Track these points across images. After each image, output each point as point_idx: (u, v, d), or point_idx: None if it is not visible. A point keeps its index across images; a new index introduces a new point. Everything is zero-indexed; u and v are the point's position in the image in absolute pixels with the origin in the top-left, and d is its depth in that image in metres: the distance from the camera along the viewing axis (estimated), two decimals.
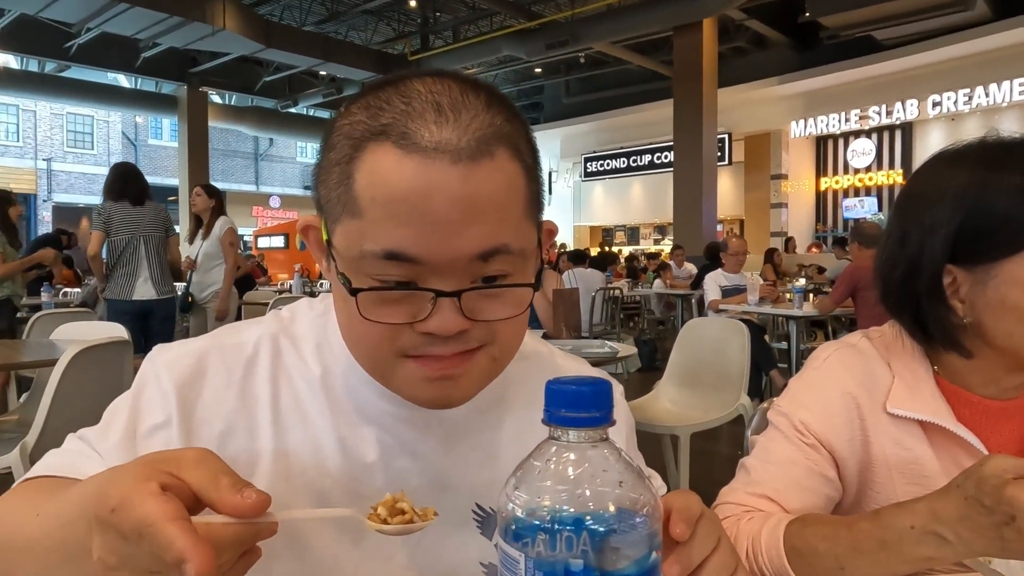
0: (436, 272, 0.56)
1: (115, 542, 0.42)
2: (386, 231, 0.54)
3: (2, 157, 24.23)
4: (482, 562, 0.67)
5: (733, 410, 3.23)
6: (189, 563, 0.38)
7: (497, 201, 0.56)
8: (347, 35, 16.47)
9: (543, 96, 20.73)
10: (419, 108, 0.55)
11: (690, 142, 12.67)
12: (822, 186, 17.56)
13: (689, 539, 0.45)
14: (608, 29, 13.41)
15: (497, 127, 0.57)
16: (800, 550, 0.77)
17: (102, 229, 4.35)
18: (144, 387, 0.65)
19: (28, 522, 0.53)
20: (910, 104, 14.92)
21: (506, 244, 0.57)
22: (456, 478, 0.67)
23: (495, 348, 0.61)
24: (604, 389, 0.39)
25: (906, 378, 0.89)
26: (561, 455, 0.39)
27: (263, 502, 0.43)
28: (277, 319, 0.71)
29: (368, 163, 0.55)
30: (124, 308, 4.36)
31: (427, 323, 0.56)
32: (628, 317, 10.13)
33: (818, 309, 5.19)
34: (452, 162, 0.54)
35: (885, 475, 0.88)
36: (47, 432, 2.36)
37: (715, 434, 3.56)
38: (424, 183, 0.53)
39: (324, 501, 0.64)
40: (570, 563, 0.36)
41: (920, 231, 0.87)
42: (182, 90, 17.10)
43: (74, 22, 12.87)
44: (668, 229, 17.87)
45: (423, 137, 0.54)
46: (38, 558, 0.51)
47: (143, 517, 0.40)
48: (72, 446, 0.64)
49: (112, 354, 2.63)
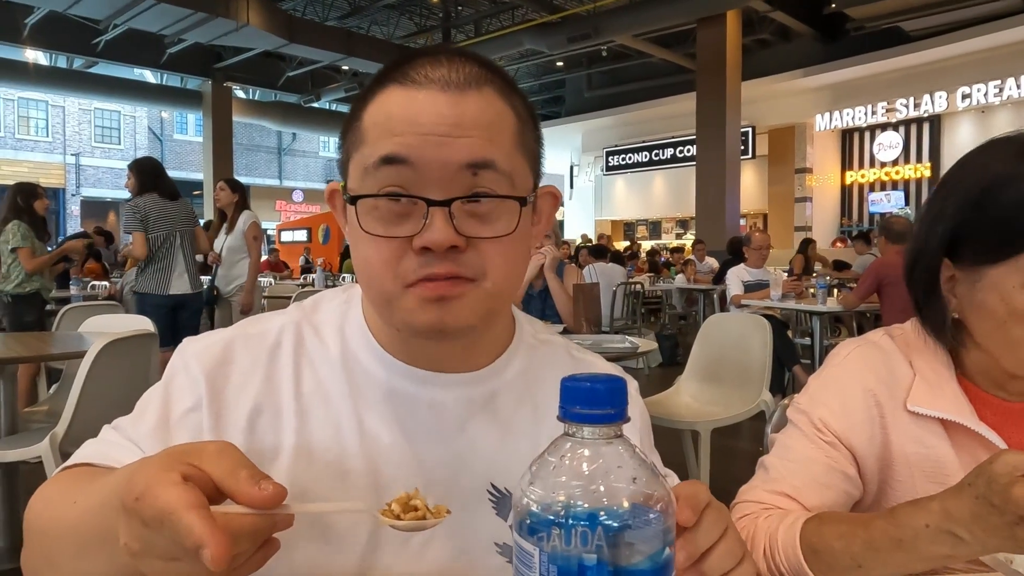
0: (428, 180, 0.61)
1: (139, 529, 0.44)
2: (383, 142, 0.62)
3: (32, 152, 24.67)
4: (496, 542, 0.68)
5: (754, 406, 3.21)
6: (206, 549, 0.40)
7: (484, 123, 0.62)
8: (369, 30, 16.53)
9: (565, 90, 20.66)
10: (420, 59, 0.65)
11: (713, 136, 12.57)
12: (847, 180, 17.33)
13: (695, 526, 0.46)
14: (630, 22, 13.33)
15: (489, 77, 0.65)
16: (817, 548, 0.77)
17: (141, 228, 4.35)
18: (174, 376, 0.68)
19: (67, 509, 0.56)
20: (939, 96, 14.65)
21: (493, 159, 0.62)
22: (471, 458, 0.69)
23: (487, 281, 0.64)
24: (619, 386, 0.39)
25: (928, 376, 0.88)
26: (576, 451, 0.39)
27: (279, 494, 0.44)
28: (300, 308, 0.75)
29: (374, 102, 0.64)
30: (158, 302, 4.40)
31: (422, 236, 0.60)
32: (649, 312, 10.09)
33: (843, 305, 5.14)
34: (442, 89, 0.62)
35: (906, 473, 0.88)
36: (76, 422, 2.40)
37: (736, 430, 3.55)
38: (416, 106, 0.62)
39: (344, 480, 0.66)
40: (584, 558, 0.36)
41: (930, 220, 0.87)
42: (207, 85, 17.29)
43: (101, 18, 13.05)
44: (690, 223, 17.75)
45: (420, 74, 0.63)
46: (76, 544, 0.54)
47: (164, 505, 0.42)
48: (108, 436, 0.67)
49: (139, 346, 2.68)
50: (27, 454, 2.43)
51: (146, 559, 0.45)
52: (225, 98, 17.48)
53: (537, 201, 0.69)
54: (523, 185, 0.65)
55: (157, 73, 18.43)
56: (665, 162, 19.31)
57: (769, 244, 5.85)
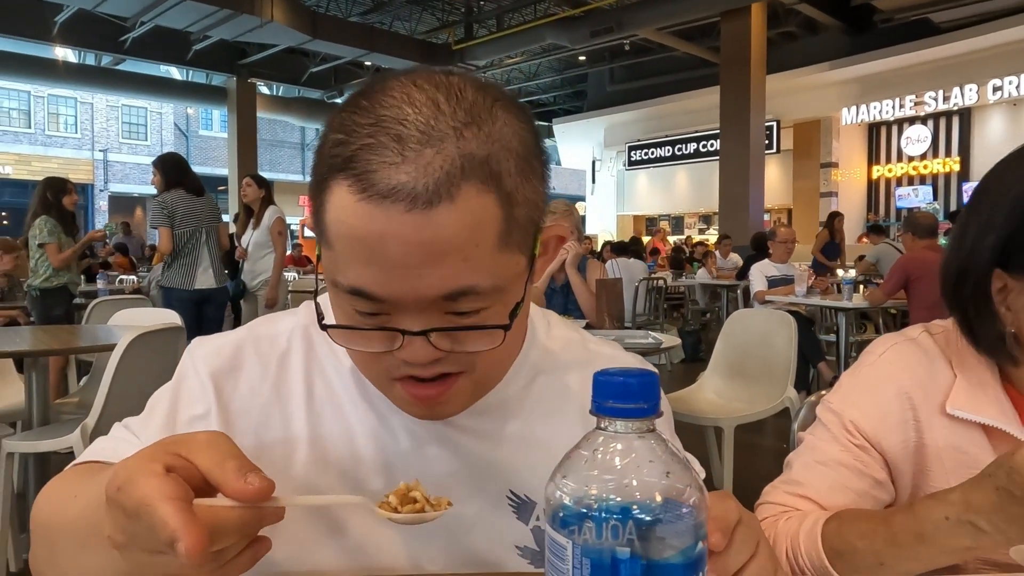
0: (402, 310, 0.56)
1: (121, 520, 0.43)
2: (351, 268, 0.55)
3: (61, 148, 25.07)
4: (518, 545, 0.68)
5: (779, 403, 3.18)
6: (180, 542, 0.39)
7: (459, 243, 0.53)
8: (392, 25, 16.58)
9: (587, 84, 20.57)
10: (382, 140, 0.53)
11: (737, 130, 12.45)
12: (874, 174, 17.09)
13: (726, 548, 0.44)
14: (654, 15, 13.23)
15: (466, 156, 0.53)
16: (839, 550, 0.75)
17: (167, 224, 4.40)
18: (184, 379, 0.68)
19: (68, 504, 0.55)
20: (969, 89, 14.38)
21: (473, 285, 0.55)
22: (489, 465, 0.68)
23: (476, 372, 0.61)
24: (652, 380, 0.39)
25: (969, 378, 0.84)
26: (608, 445, 0.39)
27: (265, 489, 0.43)
28: (310, 310, 0.73)
29: (334, 196, 0.55)
30: (184, 296, 4.48)
31: (401, 352, 0.57)
32: (672, 308, 10.04)
33: (869, 301, 5.07)
34: (406, 209, 0.52)
35: (941, 480, 0.84)
36: (106, 414, 2.45)
37: (760, 427, 3.53)
38: (379, 229, 0.52)
39: (359, 488, 0.66)
40: (617, 551, 0.36)
41: (976, 230, 0.83)
42: (231, 81, 17.45)
43: (128, 16, 13.21)
44: (713, 219, 17.61)
45: (379, 178, 0.52)
46: (76, 539, 0.53)
47: (142, 496, 0.41)
48: (117, 433, 0.68)
49: (167, 340, 2.72)
50: (58, 444, 2.48)
51: (129, 552, 0.44)
52: (249, 94, 17.63)
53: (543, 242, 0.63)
54: (512, 277, 0.58)
55: (183, 70, 18.64)
56: (688, 157, 19.16)
57: (795, 239, 5.77)
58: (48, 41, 14.48)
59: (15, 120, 24.47)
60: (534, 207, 0.59)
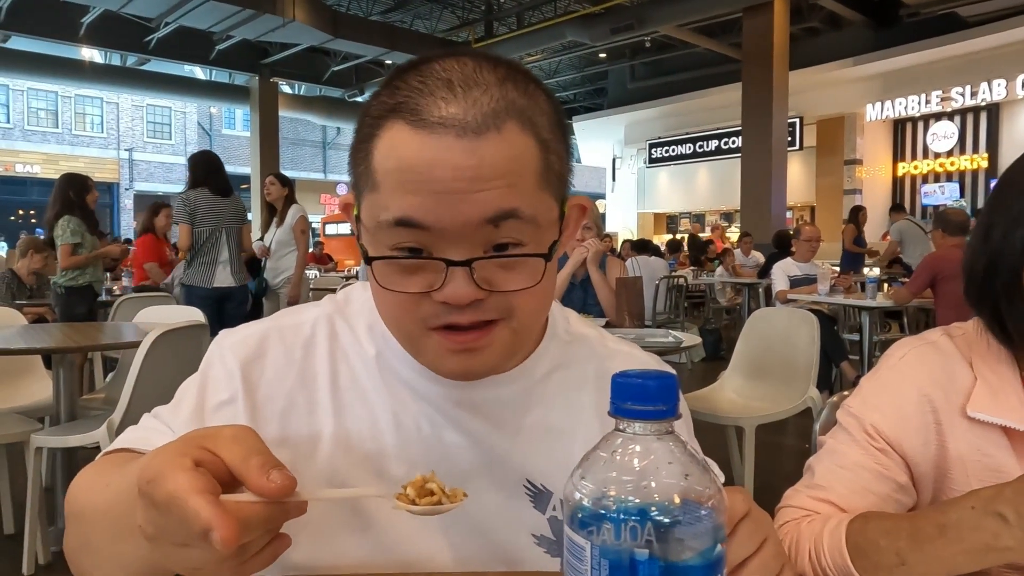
0: (446, 239, 0.58)
1: (152, 513, 0.44)
2: (397, 200, 0.57)
3: (88, 147, 25.48)
4: (534, 534, 0.69)
5: (801, 402, 3.15)
6: (215, 531, 0.40)
7: (504, 170, 0.57)
8: (412, 24, 16.63)
9: (607, 81, 20.49)
10: (431, 85, 0.58)
11: (759, 127, 12.33)
12: (899, 171, 16.84)
13: (729, 538, 0.45)
14: (675, 12, 13.14)
15: (509, 101, 0.58)
16: (862, 547, 0.75)
17: (188, 221, 4.47)
18: (211, 367, 0.69)
19: (101, 493, 0.56)
20: (997, 84, 14.13)
21: (516, 208, 0.58)
22: (507, 454, 0.69)
23: (514, 320, 0.62)
24: (670, 383, 0.39)
25: (990, 380, 0.83)
26: (627, 447, 0.39)
27: (287, 487, 0.44)
28: (332, 302, 0.75)
29: (384, 139, 0.58)
30: (203, 294, 4.54)
31: (442, 291, 0.58)
32: (693, 306, 9.98)
33: (894, 300, 5.00)
34: (457, 136, 0.56)
35: (963, 483, 0.83)
36: (131, 409, 2.49)
37: (782, 426, 3.50)
38: (430, 156, 0.56)
39: (380, 474, 0.66)
40: (636, 552, 0.36)
41: (1005, 223, 0.82)
42: (254, 81, 17.62)
43: (153, 17, 13.37)
44: (735, 216, 17.47)
45: (431, 113, 0.56)
46: (110, 527, 0.54)
47: (173, 490, 0.42)
48: (147, 423, 0.69)
49: (191, 337, 2.75)
50: (86, 440, 2.53)
51: (159, 544, 0.45)
52: (271, 93, 17.79)
53: (569, 208, 0.66)
54: (548, 219, 0.61)
55: (206, 69, 18.84)
56: (709, 154, 19.02)
57: (819, 237, 5.69)
58: (75, 42, 14.71)
59: (43, 120, 24.91)
60: (565, 166, 0.64)
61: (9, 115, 24.28)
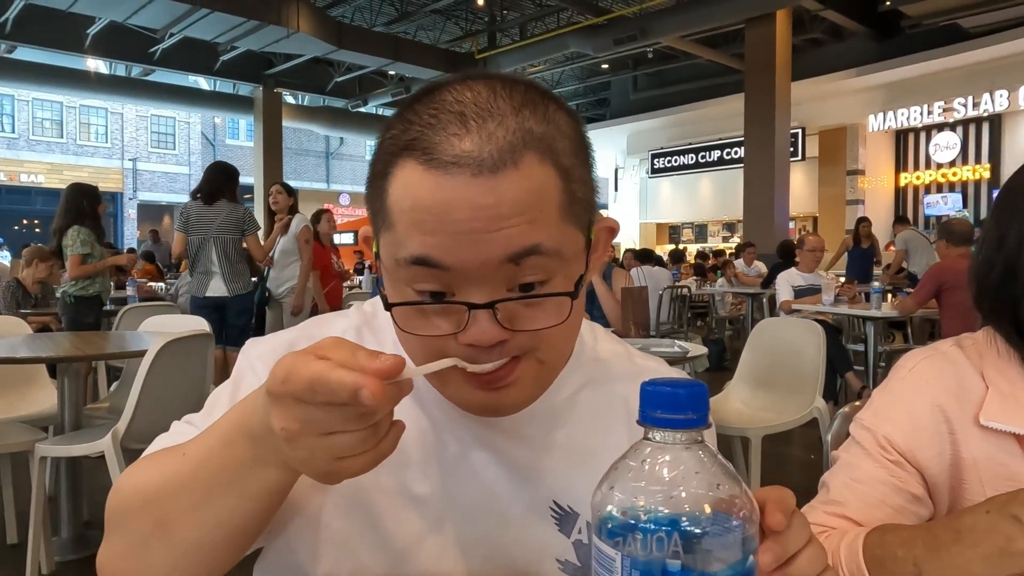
0: (468, 280, 0.56)
1: (292, 408, 0.45)
2: (414, 239, 0.55)
3: (92, 157, 25.57)
4: (559, 559, 0.67)
5: (807, 413, 3.15)
6: (364, 388, 0.42)
7: (524, 205, 0.55)
8: (416, 35, 16.71)
9: (610, 92, 20.55)
10: (443, 120, 0.55)
11: (761, 137, 12.36)
12: (902, 182, 16.86)
13: (784, 530, 0.45)
14: (677, 23, 13.20)
15: (526, 131, 0.55)
16: (880, 558, 0.74)
17: (182, 229, 4.60)
18: (242, 377, 0.69)
19: (176, 465, 0.55)
20: (999, 95, 14.16)
21: (537, 244, 0.55)
22: (534, 473, 0.68)
23: (541, 353, 0.60)
24: (700, 392, 0.39)
25: (1002, 388, 0.83)
26: (656, 456, 0.39)
27: (399, 362, 0.45)
28: (360, 312, 0.74)
29: (398, 178, 0.57)
30: (199, 303, 4.63)
31: (466, 334, 0.56)
32: (696, 316, 9.96)
33: (899, 310, 4.99)
34: (472, 175, 0.53)
35: (978, 492, 0.82)
36: (137, 418, 2.48)
37: (787, 437, 3.48)
38: (445, 197, 0.54)
39: (405, 489, 0.66)
40: (667, 563, 0.36)
41: (1020, 229, 0.82)
42: (258, 91, 17.69)
43: (158, 28, 13.45)
44: (737, 226, 17.47)
45: (444, 152, 0.54)
46: (200, 490, 0.53)
47: (312, 374, 0.43)
48: (180, 428, 0.68)
49: (196, 346, 2.75)
50: (90, 449, 2.52)
51: (303, 439, 0.45)
52: (275, 103, 17.86)
53: (596, 231, 0.64)
54: (573, 250, 0.59)
55: (210, 80, 18.93)
56: (712, 164, 19.05)
57: (823, 247, 5.68)
58: (80, 53, 14.79)
59: (47, 130, 25.00)
60: (589, 190, 0.61)
61: (14, 125, 24.37)
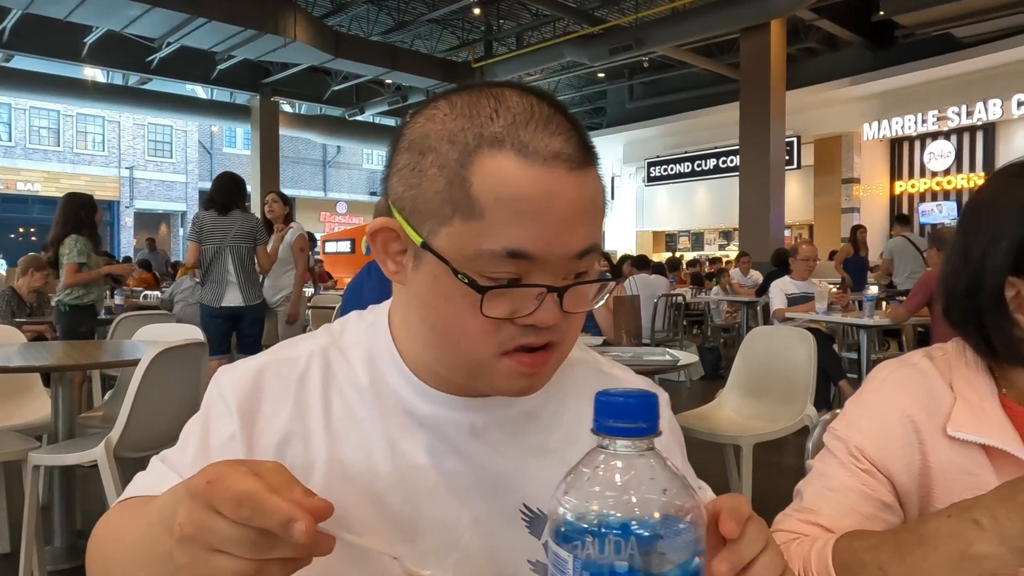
0: (545, 268, 0.60)
1: (200, 512, 0.46)
2: (510, 231, 0.59)
3: (89, 165, 25.60)
4: (530, 559, 0.69)
5: (798, 421, 3.16)
6: (299, 521, 0.43)
7: (598, 205, 0.63)
8: (413, 44, 16.78)
9: (606, 101, 20.64)
10: (526, 119, 0.61)
11: (757, 146, 12.41)
12: (897, 190, 16.92)
13: (739, 538, 0.46)
14: (673, 33, 13.27)
15: (586, 140, 0.63)
16: (848, 563, 0.75)
17: (196, 239, 4.58)
18: (212, 406, 0.71)
19: (125, 531, 0.60)
20: (993, 104, 14.25)
21: (597, 243, 0.63)
22: (505, 479, 0.70)
23: (565, 344, 0.66)
24: (651, 401, 0.41)
25: (969, 399, 0.85)
26: (609, 463, 0.41)
27: (329, 508, 0.47)
28: (328, 333, 0.75)
29: (487, 167, 0.59)
30: (213, 313, 4.59)
31: (533, 315, 0.61)
32: (692, 324, 9.98)
33: (891, 318, 5.02)
34: (569, 169, 0.60)
35: (947, 501, 0.82)
36: (130, 427, 2.48)
37: (779, 445, 3.49)
38: (547, 187, 0.59)
39: (378, 503, 0.67)
40: (616, 565, 0.38)
41: (983, 243, 0.84)
42: (255, 100, 17.73)
43: (155, 37, 13.49)
44: (733, 235, 17.53)
45: (542, 147, 0.59)
46: (132, 565, 0.58)
47: (246, 488, 0.44)
48: (156, 468, 0.70)
49: (190, 355, 2.76)
50: (83, 458, 2.52)
51: (190, 545, 0.46)
52: (272, 112, 17.90)
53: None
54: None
55: (207, 88, 18.97)
56: (708, 173, 19.12)
57: (816, 256, 5.72)
58: (78, 61, 14.81)
59: (44, 138, 25.03)
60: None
61: (11, 133, 24.40)
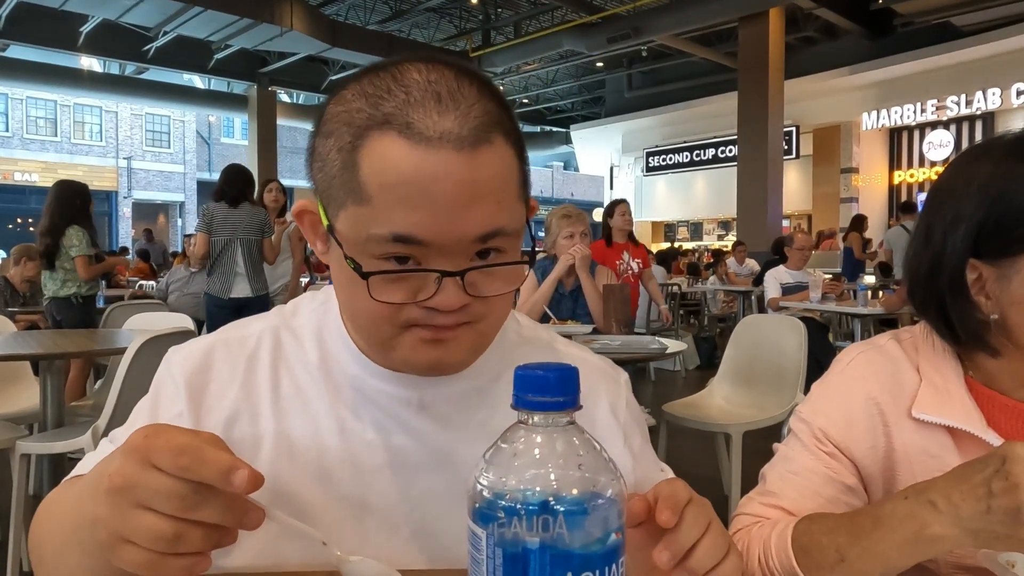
0: (440, 252, 0.59)
1: (132, 466, 0.45)
2: (395, 215, 0.57)
3: (86, 156, 25.51)
4: None
5: (788, 409, 3.16)
6: (241, 470, 0.44)
7: (496, 185, 0.59)
8: (410, 33, 16.71)
9: (604, 90, 20.57)
10: (419, 97, 0.58)
11: (755, 135, 12.37)
12: (895, 180, 16.89)
13: (677, 525, 0.46)
14: (671, 21, 13.22)
15: (492, 114, 0.59)
16: (806, 546, 0.75)
17: (205, 231, 4.59)
18: (161, 385, 0.71)
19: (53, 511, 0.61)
20: (992, 93, 14.19)
21: (503, 226, 0.60)
22: (454, 455, 0.70)
23: (483, 323, 0.64)
24: (570, 375, 0.40)
25: (934, 381, 0.84)
26: (528, 438, 0.40)
27: (259, 479, 0.46)
28: (280, 313, 0.76)
29: (375, 151, 0.57)
30: (221, 303, 4.62)
31: (432, 300, 0.59)
32: (689, 314, 9.99)
33: (884, 307, 5.01)
34: (456, 149, 0.56)
35: (910, 483, 0.82)
36: (117, 415, 2.48)
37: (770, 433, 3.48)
38: (431, 170, 0.56)
39: (327, 479, 0.67)
40: (528, 541, 0.37)
41: (943, 225, 0.83)
42: (252, 90, 17.67)
43: (152, 26, 13.44)
44: (732, 224, 17.50)
45: (427, 127, 0.56)
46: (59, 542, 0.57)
47: (185, 441, 0.45)
48: (104, 448, 0.70)
49: (177, 343, 2.74)
50: (70, 446, 2.53)
51: (116, 498, 0.45)
52: (270, 102, 17.83)
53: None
54: (521, 226, 0.64)
55: (205, 78, 18.90)
56: (706, 162, 19.07)
57: (812, 245, 5.72)
58: (74, 51, 14.75)
59: (42, 129, 24.95)
60: (528, 174, 0.66)
61: (8, 124, 24.31)
